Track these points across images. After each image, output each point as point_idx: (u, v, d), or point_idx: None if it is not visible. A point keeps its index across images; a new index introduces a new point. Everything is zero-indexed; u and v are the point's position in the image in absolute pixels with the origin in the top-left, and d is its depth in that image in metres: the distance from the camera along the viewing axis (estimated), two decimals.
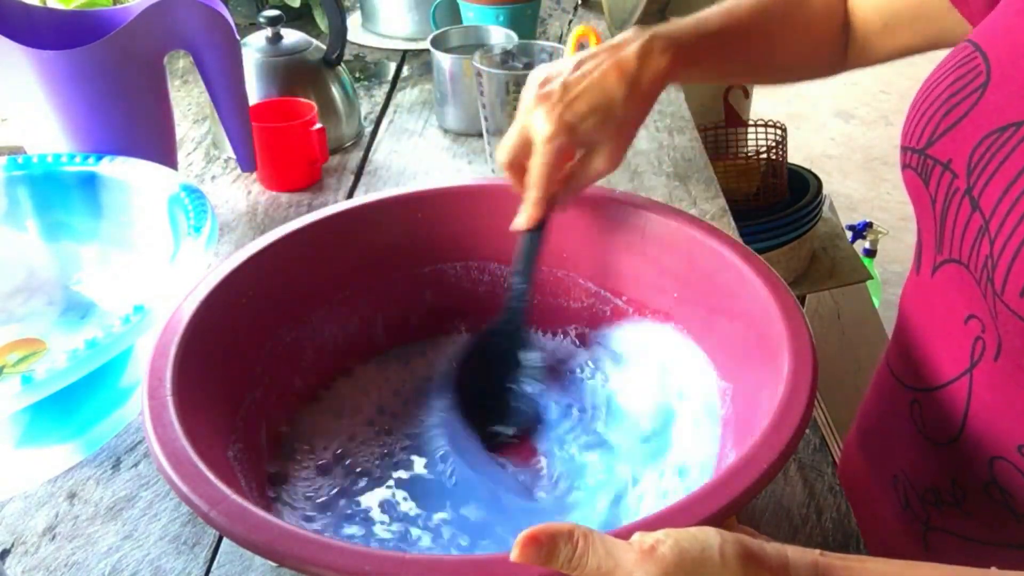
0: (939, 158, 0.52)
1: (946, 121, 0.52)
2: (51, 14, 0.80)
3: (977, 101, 0.50)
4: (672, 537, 0.34)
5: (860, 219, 2.14)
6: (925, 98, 0.55)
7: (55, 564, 0.54)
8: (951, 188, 0.51)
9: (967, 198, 0.50)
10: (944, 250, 0.53)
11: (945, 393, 0.55)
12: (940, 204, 0.53)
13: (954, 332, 0.54)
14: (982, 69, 0.51)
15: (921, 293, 0.58)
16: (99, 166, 0.73)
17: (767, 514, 0.57)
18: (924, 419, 0.58)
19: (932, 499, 0.59)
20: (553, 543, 0.34)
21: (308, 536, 0.39)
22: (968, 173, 0.50)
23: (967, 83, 0.51)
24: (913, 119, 0.56)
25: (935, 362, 0.56)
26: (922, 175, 0.54)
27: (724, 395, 0.55)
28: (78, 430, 0.60)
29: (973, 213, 0.49)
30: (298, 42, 0.99)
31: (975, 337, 0.52)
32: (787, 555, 0.35)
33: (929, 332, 0.57)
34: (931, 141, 0.53)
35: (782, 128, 1.68)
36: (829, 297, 1.68)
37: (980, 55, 0.52)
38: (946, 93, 0.53)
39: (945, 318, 0.55)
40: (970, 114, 0.50)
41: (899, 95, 3.24)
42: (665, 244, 0.60)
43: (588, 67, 0.59)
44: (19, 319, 0.72)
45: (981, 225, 0.48)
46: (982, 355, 0.52)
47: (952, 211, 0.51)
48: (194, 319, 0.51)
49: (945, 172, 0.52)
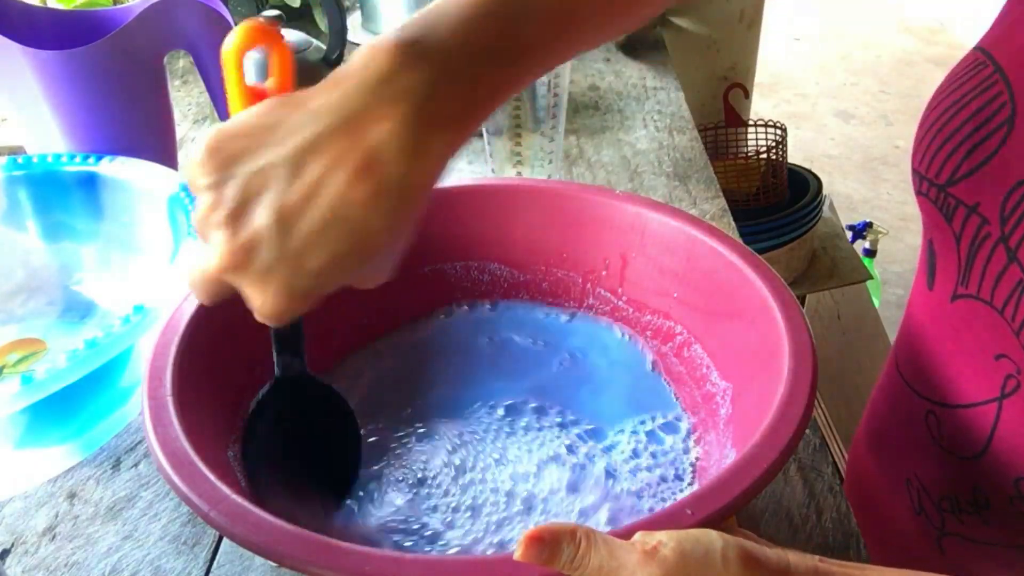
0: (964, 200, 0.50)
1: (970, 161, 0.49)
2: (51, 14, 0.80)
3: (1005, 139, 0.48)
4: (674, 539, 0.34)
5: (860, 219, 2.14)
6: (943, 127, 0.51)
7: (55, 564, 0.54)
8: (980, 232, 0.50)
9: (1002, 246, 0.48)
10: (970, 287, 0.52)
11: (969, 413, 0.54)
12: (966, 244, 0.51)
13: (982, 363, 0.52)
14: (1006, 99, 0.48)
15: (938, 314, 0.56)
16: (99, 166, 0.73)
17: (767, 514, 0.57)
18: (942, 432, 0.57)
19: (948, 507, 0.58)
20: (556, 543, 0.34)
21: (308, 536, 0.39)
22: (1002, 222, 0.48)
23: (991, 115, 0.49)
24: (929, 147, 0.52)
25: (957, 384, 0.55)
26: (942, 210, 0.52)
27: (724, 395, 0.55)
28: (78, 430, 0.60)
29: (1010, 264, 0.48)
30: (298, 42, 0.99)
31: (1007, 375, 0.50)
32: (788, 559, 0.35)
33: (949, 354, 0.56)
34: (952, 179, 0.51)
35: (782, 128, 1.68)
36: (829, 297, 1.68)
37: (1002, 79, 0.49)
38: (968, 126, 0.50)
39: (971, 348, 0.53)
40: (997, 156, 0.48)
41: (899, 95, 3.25)
42: (665, 244, 0.60)
43: (311, 174, 0.36)
44: (19, 319, 0.72)
45: (1021, 279, 0.47)
46: (1016, 390, 0.50)
47: (983, 255, 0.50)
48: (194, 319, 0.51)
49: (972, 215, 0.50)
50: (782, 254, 1.59)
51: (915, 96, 3.21)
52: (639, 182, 0.93)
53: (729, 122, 1.72)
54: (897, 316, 1.87)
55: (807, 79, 3.36)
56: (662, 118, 1.06)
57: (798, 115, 3.11)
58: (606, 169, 0.95)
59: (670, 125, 1.04)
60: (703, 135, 1.24)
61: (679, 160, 0.97)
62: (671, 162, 0.97)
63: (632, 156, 0.97)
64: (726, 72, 1.72)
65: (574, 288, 0.65)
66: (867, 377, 1.52)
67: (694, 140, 1.01)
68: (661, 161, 0.97)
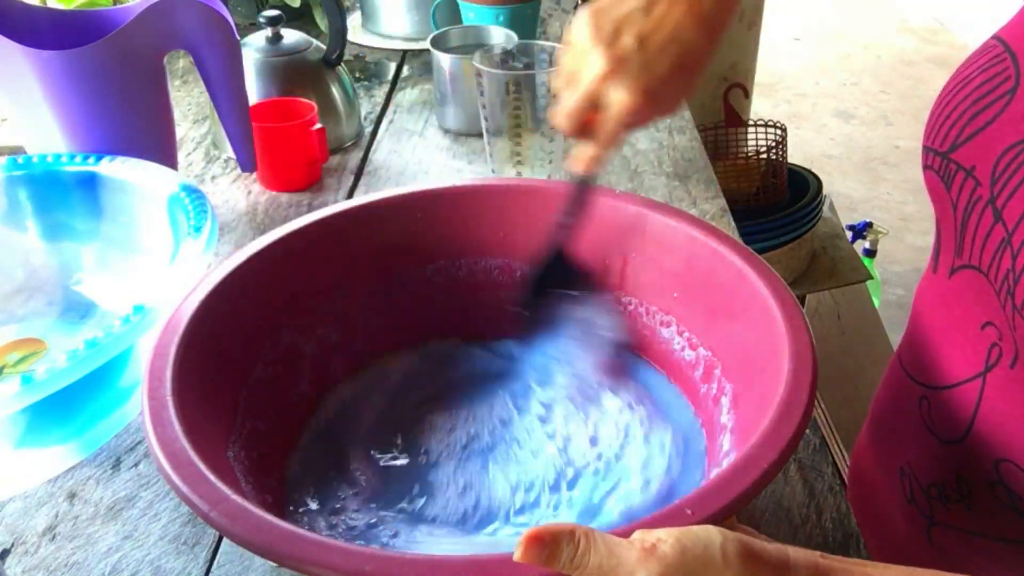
0: (962, 164, 0.52)
1: (971, 126, 0.51)
2: (51, 14, 0.80)
3: (1005, 107, 0.50)
4: (674, 536, 0.34)
5: (860, 219, 2.14)
6: (951, 100, 0.54)
7: (55, 564, 0.54)
8: (973, 196, 0.51)
9: (990, 208, 0.49)
10: (964, 255, 0.53)
11: (955, 393, 0.55)
12: (962, 210, 0.52)
13: (969, 336, 0.54)
14: (1011, 73, 0.50)
15: (937, 294, 0.58)
16: (99, 166, 0.73)
17: (767, 514, 0.57)
18: (932, 416, 0.58)
19: (936, 494, 0.59)
20: (556, 543, 0.34)
21: (308, 536, 0.39)
22: (992, 182, 0.49)
23: (995, 87, 0.51)
24: (937, 120, 0.55)
25: (947, 362, 0.56)
26: (944, 179, 0.54)
27: (724, 395, 0.55)
28: (78, 430, 0.60)
29: (995, 224, 0.49)
30: (298, 42, 0.99)
31: (991, 343, 0.52)
32: (788, 555, 0.35)
33: (943, 333, 0.57)
34: (954, 145, 0.52)
35: (782, 128, 1.68)
36: (829, 297, 1.68)
37: (1010, 57, 0.51)
38: (973, 96, 0.52)
39: (961, 321, 0.55)
40: (996, 121, 0.50)
41: (899, 95, 3.25)
42: (665, 244, 0.60)
43: (659, 11, 0.51)
44: (19, 319, 0.72)
45: (1004, 237, 0.48)
46: (998, 361, 0.51)
47: (974, 219, 0.51)
48: (194, 319, 0.51)
49: (968, 179, 0.51)
50: (782, 254, 1.59)
51: (915, 96, 3.21)
52: (639, 182, 0.93)
53: (729, 122, 1.72)
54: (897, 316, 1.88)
55: (807, 79, 3.36)
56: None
57: (798, 115, 3.11)
58: (606, 169, 0.95)
59: (670, 125, 1.04)
60: (703, 135, 1.25)
61: (679, 160, 0.97)
62: (671, 162, 0.97)
63: (632, 156, 0.98)
64: (726, 72, 1.73)
65: None
66: (867, 377, 1.52)
67: (694, 140, 1.02)
68: (661, 161, 0.97)
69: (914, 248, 2.41)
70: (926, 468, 0.60)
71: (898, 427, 0.64)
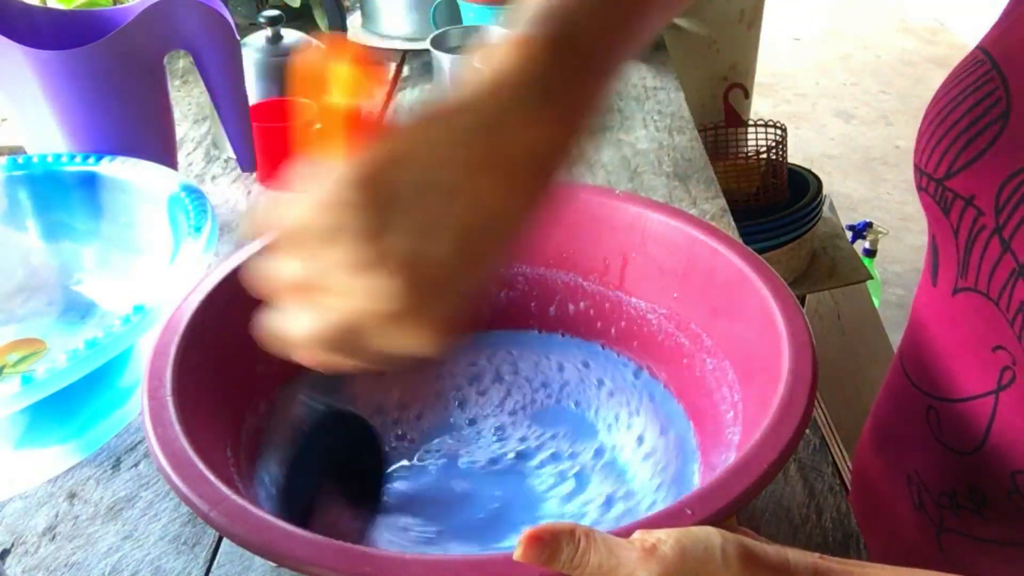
0: (960, 192, 0.51)
1: (966, 154, 0.50)
2: (51, 14, 0.80)
3: (999, 134, 0.49)
4: (674, 536, 0.34)
5: (860, 219, 2.14)
6: (941, 122, 0.53)
7: (55, 564, 0.54)
8: (976, 224, 0.50)
9: (996, 238, 0.49)
10: (968, 279, 0.52)
11: (966, 407, 0.55)
12: (964, 236, 0.52)
13: (979, 355, 0.53)
14: (1001, 94, 0.49)
15: (940, 309, 0.57)
16: (99, 166, 0.73)
17: (767, 514, 0.57)
18: (941, 427, 0.58)
19: (947, 502, 0.58)
20: (556, 542, 0.34)
21: (308, 536, 0.39)
22: (996, 212, 0.49)
23: (986, 110, 0.50)
24: (929, 142, 0.53)
25: (956, 377, 0.56)
26: (940, 204, 0.53)
27: (724, 395, 0.55)
28: (78, 430, 0.60)
29: (1004, 254, 0.48)
30: (298, 42, 0.99)
31: (1003, 367, 0.51)
32: (787, 557, 0.35)
33: (950, 348, 0.56)
34: (949, 173, 0.52)
35: (782, 128, 1.68)
36: (829, 297, 1.68)
37: (998, 75, 0.50)
38: (965, 121, 0.51)
39: (968, 341, 0.54)
40: (991, 149, 0.49)
41: (899, 95, 3.25)
42: (665, 244, 0.60)
43: (478, 196, 0.35)
44: (19, 319, 0.72)
45: (1014, 268, 0.48)
46: (1011, 382, 0.51)
47: (979, 247, 0.50)
48: (194, 319, 0.51)
49: (968, 207, 0.51)
50: (782, 254, 1.59)
51: (915, 96, 3.21)
52: (639, 182, 0.93)
53: (729, 122, 1.72)
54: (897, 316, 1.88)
55: (807, 79, 3.36)
56: (662, 118, 1.06)
57: (798, 115, 3.11)
58: (606, 169, 0.95)
59: (670, 125, 1.04)
60: (703, 135, 1.24)
61: (679, 160, 0.97)
62: (671, 162, 0.97)
63: (632, 156, 0.97)
64: (726, 72, 1.73)
65: (577, 289, 0.65)
66: (867, 377, 1.52)
67: (694, 140, 1.01)
68: (661, 161, 0.97)
69: (914, 248, 2.41)
70: (936, 477, 0.59)
71: (904, 435, 0.63)
